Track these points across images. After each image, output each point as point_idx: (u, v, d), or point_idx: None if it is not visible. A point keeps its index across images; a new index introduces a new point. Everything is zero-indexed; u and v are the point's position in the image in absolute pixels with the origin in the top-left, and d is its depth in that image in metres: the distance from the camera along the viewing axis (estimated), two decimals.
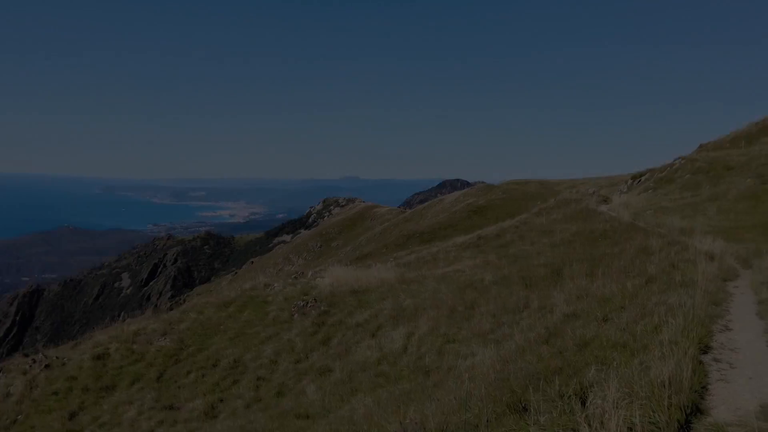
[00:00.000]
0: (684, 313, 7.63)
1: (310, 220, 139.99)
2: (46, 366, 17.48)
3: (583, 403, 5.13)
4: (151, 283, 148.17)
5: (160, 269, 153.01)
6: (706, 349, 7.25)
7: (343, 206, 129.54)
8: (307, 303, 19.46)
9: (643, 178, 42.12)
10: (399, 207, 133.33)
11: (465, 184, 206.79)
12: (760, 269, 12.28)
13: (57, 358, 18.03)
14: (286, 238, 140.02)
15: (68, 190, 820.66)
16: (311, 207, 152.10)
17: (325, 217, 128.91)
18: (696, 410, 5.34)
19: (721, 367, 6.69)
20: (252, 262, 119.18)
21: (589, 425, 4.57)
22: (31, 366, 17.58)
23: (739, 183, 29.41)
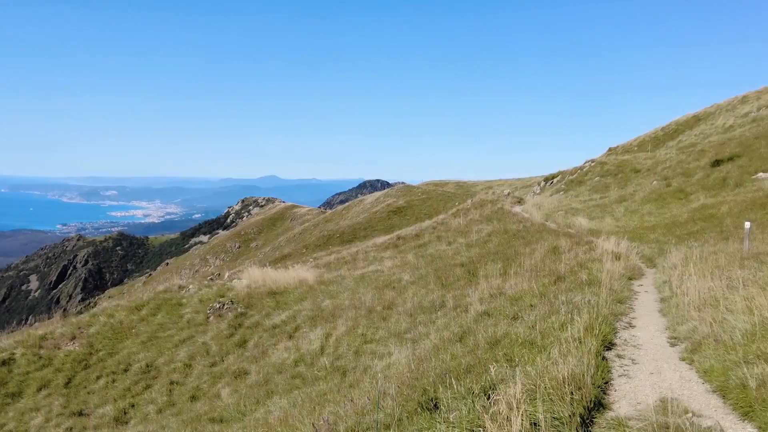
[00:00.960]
0: (589, 311, 7.92)
1: (229, 220, 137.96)
2: None
3: (490, 400, 5.24)
4: (60, 286, 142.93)
5: (69, 271, 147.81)
6: (610, 346, 7.53)
7: (262, 206, 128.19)
8: (224, 305, 19.14)
9: (555, 180, 43.53)
10: (319, 207, 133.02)
11: (385, 185, 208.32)
12: (664, 268, 12.83)
13: None
14: (203, 238, 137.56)
15: None
16: (229, 207, 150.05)
17: (244, 218, 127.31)
18: (598, 405, 5.52)
19: (624, 363, 6.95)
20: (167, 263, 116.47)
21: (495, 421, 4.67)
22: None
23: (646, 185, 30.75)
